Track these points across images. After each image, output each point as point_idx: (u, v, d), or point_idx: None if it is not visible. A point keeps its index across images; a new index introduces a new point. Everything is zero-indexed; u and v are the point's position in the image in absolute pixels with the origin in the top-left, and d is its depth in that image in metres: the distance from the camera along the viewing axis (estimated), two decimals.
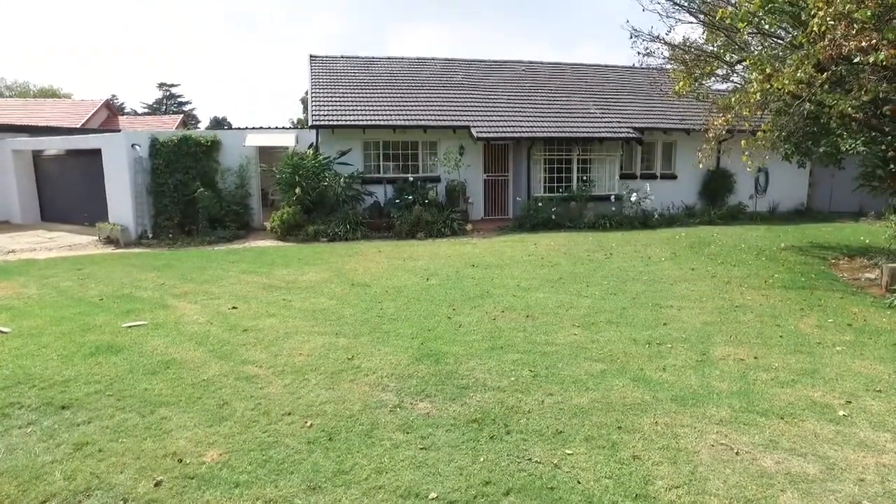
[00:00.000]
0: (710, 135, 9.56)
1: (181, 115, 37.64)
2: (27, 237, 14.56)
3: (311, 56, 18.94)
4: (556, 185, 16.25)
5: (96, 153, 14.51)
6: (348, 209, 14.47)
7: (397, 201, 14.93)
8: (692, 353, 5.65)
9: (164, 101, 58.49)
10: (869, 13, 6.58)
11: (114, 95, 52.56)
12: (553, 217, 15.00)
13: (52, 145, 16.80)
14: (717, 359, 5.50)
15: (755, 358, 5.51)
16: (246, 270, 9.96)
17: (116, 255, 12.00)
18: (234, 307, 7.47)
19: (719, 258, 10.78)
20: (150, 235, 13.77)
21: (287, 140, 15.71)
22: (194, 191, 13.82)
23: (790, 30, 9.16)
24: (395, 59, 20.05)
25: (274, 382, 4.96)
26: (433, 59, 20.39)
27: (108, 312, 7.23)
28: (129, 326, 6.59)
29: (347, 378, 5.05)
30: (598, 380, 4.98)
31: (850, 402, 4.53)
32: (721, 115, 9.36)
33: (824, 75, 7.48)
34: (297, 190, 13.85)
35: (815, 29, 6.98)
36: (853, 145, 10.83)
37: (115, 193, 14.12)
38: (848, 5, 6.58)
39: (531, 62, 21.03)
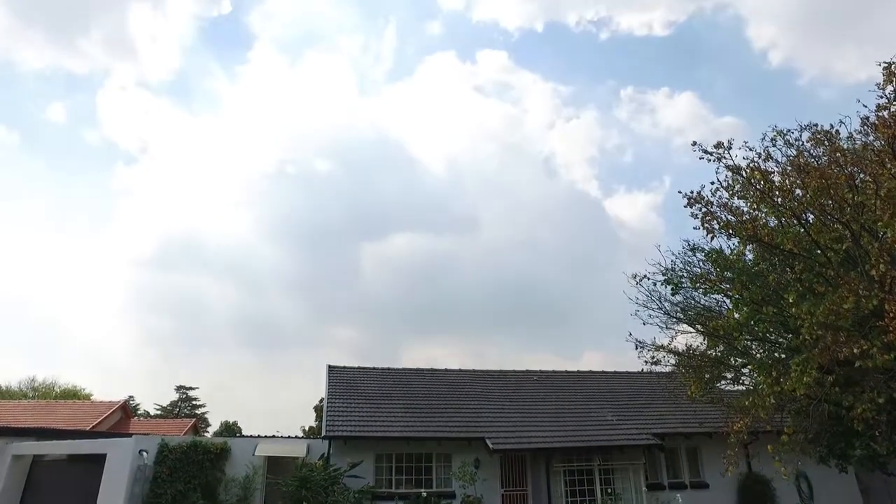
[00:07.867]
0: (732, 440, 9.22)
1: (193, 420, 37.49)
2: None
3: (329, 366, 19.77)
4: (578, 498, 14.94)
5: (99, 459, 13.92)
6: None
7: None
8: None
9: (179, 404, 58.78)
10: (848, 323, 7.10)
11: (131, 396, 53.10)
12: None
13: (57, 450, 15.93)
14: None
15: None
16: None
17: None
18: None
19: None
20: None
21: (298, 450, 15.29)
22: (193, 503, 12.90)
23: (784, 334, 9.69)
24: (410, 370, 20.80)
25: None
26: (446, 370, 21.11)
27: None
28: None
29: None
30: None
31: None
32: (739, 418, 9.20)
33: (831, 377, 7.58)
34: None
35: (806, 336, 7.41)
36: (892, 448, 10.26)
37: None
38: (830, 317, 7.11)
39: (542, 371, 21.56)
